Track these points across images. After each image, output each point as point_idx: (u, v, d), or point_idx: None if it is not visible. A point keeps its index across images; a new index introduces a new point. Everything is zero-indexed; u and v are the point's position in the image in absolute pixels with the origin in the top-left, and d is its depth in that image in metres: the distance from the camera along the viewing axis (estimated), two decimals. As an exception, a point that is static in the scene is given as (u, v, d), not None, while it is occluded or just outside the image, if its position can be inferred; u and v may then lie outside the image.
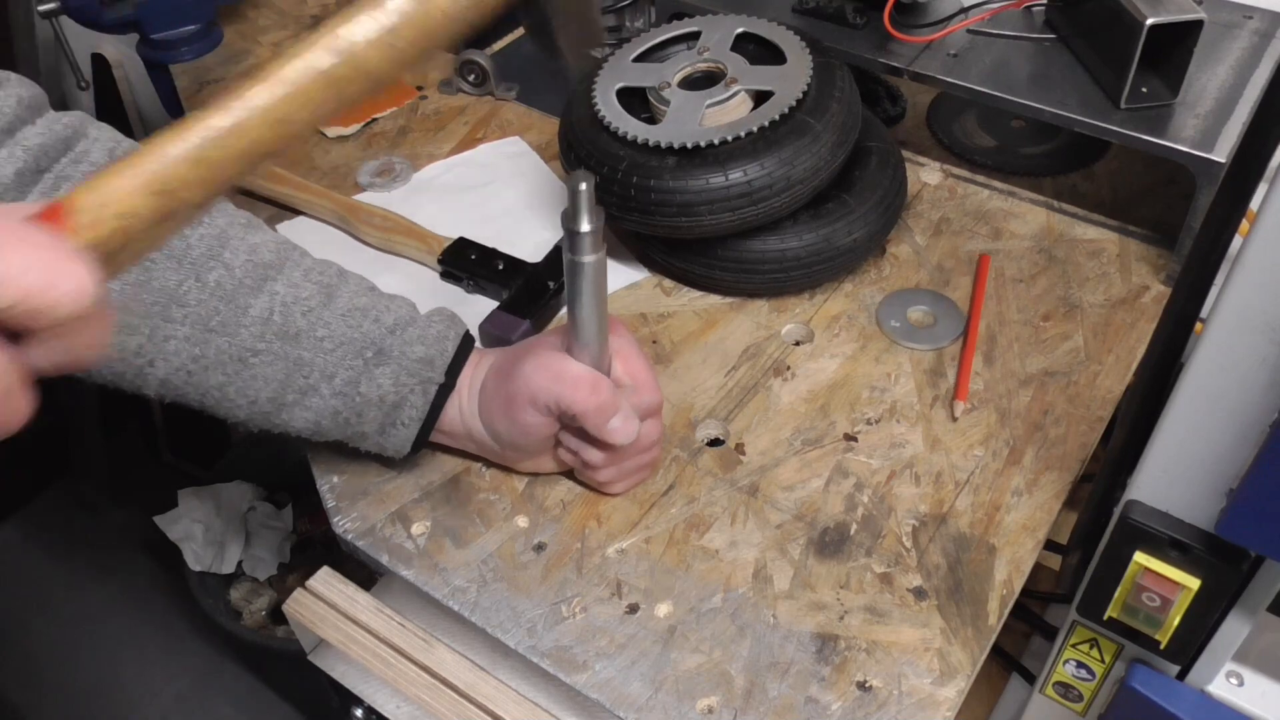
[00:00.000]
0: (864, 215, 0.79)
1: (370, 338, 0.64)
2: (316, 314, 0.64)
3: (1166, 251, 0.84)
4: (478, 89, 1.05)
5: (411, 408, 0.65)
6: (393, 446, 0.67)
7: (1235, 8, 0.88)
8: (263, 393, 0.64)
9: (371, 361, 0.64)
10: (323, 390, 0.64)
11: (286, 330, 0.63)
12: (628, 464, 0.67)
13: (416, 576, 0.65)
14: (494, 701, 0.63)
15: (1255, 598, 0.49)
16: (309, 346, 0.63)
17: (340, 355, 0.64)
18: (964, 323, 0.79)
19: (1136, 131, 0.78)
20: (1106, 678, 0.59)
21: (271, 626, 1.47)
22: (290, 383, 0.63)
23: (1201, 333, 0.43)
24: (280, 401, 0.64)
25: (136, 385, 0.63)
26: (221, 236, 0.64)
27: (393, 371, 0.64)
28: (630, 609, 0.63)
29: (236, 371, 0.63)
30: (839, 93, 0.76)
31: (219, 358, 0.62)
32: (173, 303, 0.61)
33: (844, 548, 0.65)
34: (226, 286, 0.62)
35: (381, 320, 0.65)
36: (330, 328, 0.64)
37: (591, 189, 0.56)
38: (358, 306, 0.65)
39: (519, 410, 0.63)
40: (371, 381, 0.64)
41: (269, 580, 1.52)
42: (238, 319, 0.62)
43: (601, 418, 0.62)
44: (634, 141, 0.76)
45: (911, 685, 0.59)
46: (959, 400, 0.73)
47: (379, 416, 0.65)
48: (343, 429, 0.66)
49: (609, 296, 0.82)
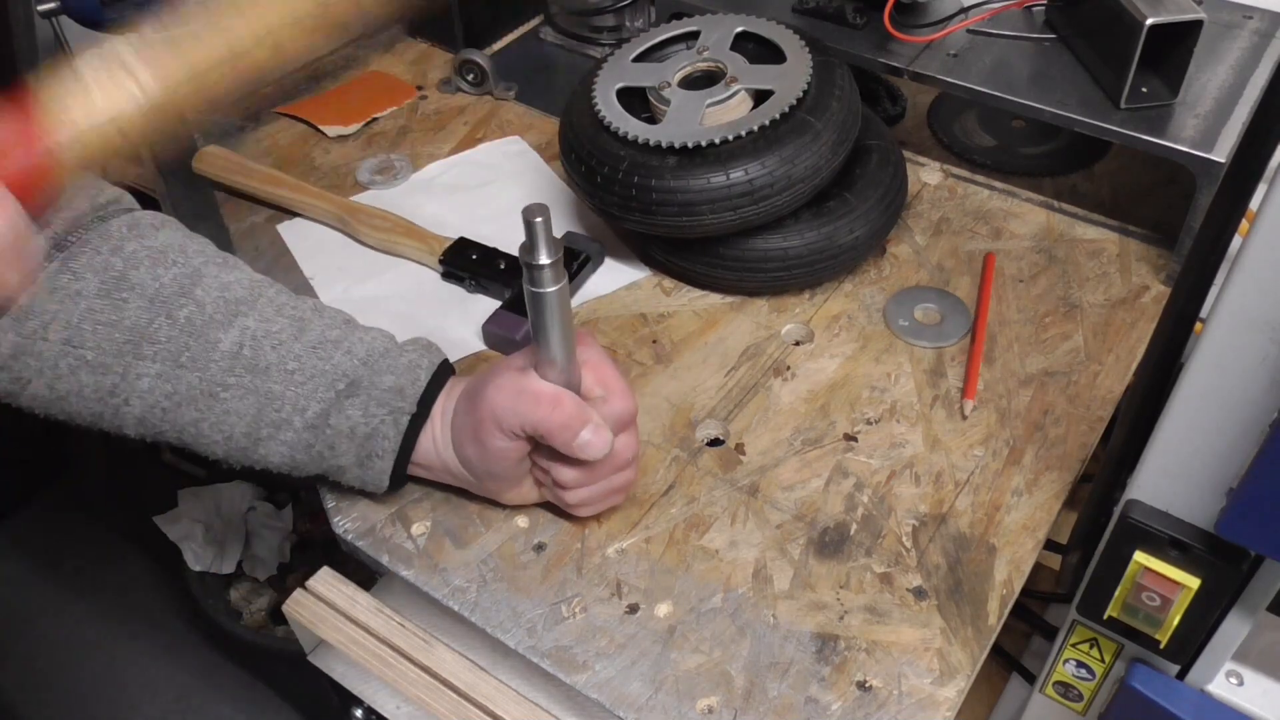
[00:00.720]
0: (865, 213, 0.79)
1: (341, 369, 0.63)
2: (287, 347, 0.63)
3: (1166, 251, 0.84)
4: (476, 89, 1.05)
5: (384, 439, 0.63)
6: (371, 481, 0.65)
7: (1235, 8, 0.88)
8: (236, 428, 0.63)
9: (343, 394, 0.63)
10: (295, 423, 0.63)
11: (256, 364, 0.63)
12: (601, 484, 0.64)
13: (416, 576, 0.65)
14: (494, 702, 0.63)
15: (1255, 597, 0.49)
16: (279, 379, 0.63)
17: (311, 388, 0.63)
18: (970, 320, 0.79)
19: (1136, 131, 0.78)
20: (1106, 677, 0.59)
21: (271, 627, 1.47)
22: (263, 417, 0.63)
23: (1201, 332, 0.43)
24: (255, 436, 0.63)
25: (116, 425, 0.64)
26: (195, 274, 0.64)
27: (362, 402, 0.63)
28: (630, 609, 0.63)
29: (209, 407, 0.63)
30: (839, 91, 0.76)
31: (190, 393, 0.62)
32: (144, 340, 0.62)
33: (844, 548, 0.65)
34: (197, 322, 0.62)
35: (354, 352, 0.64)
36: (301, 360, 0.63)
37: (548, 221, 0.54)
38: (329, 339, 0.64)
39: (486, 435, 0.61)
40: (341, 413, 0.63)
41: (269, 580, 1.52)
42: (207, 354, 0.62)
43: (569, 433, 0.59)
44: (634, 141, 0.76)
45: (911, 685, 0.59)
46: (967, 399, 0.73)
47: (353, 449, 0.64)
48: (318, 463, 0.64)
49: (612, 294, 0.83)
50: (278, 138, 1.00)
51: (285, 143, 1.00)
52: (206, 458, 0.65)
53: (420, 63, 1.10)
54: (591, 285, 0.84)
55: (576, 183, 0.80)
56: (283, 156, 0.98)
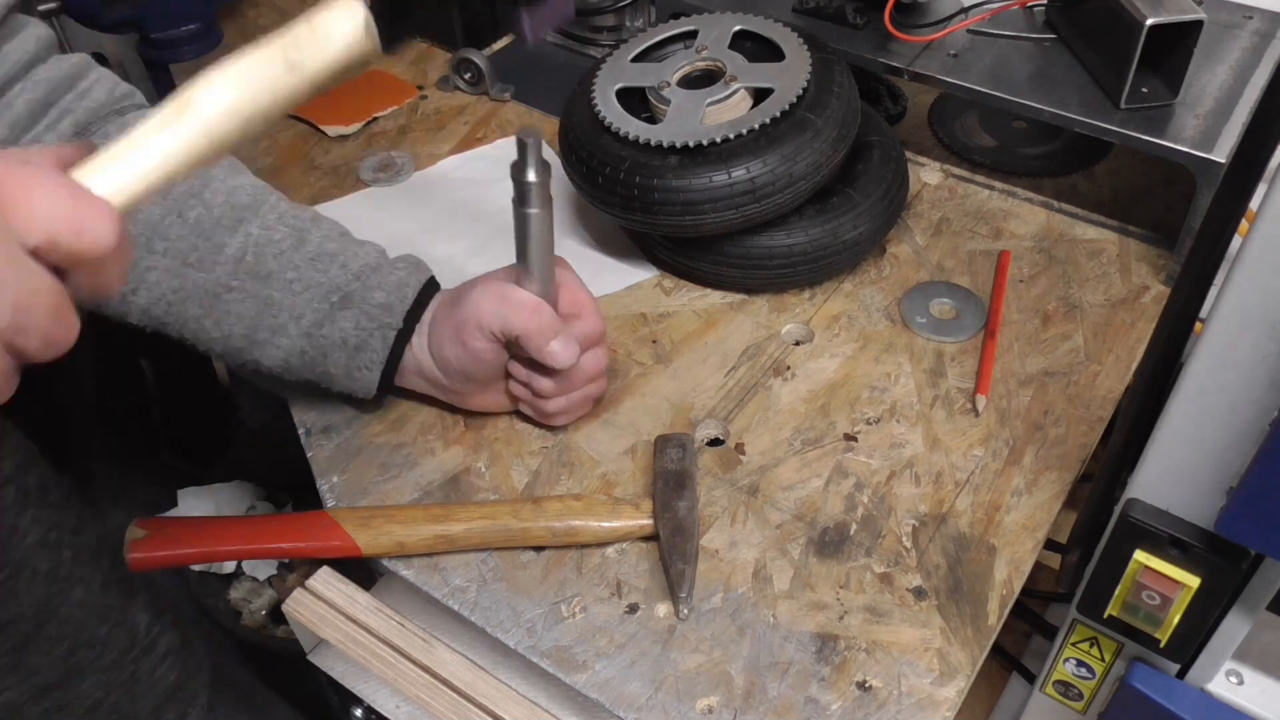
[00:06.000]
0: (869, 209, 0.79)
1: (336, 282, 0.67)
2: (287, 256, 0.67)
3: (1166, 251, 0.84)
4: (474, 88, 1.05)
5: (372, 351, 0.68)
6: (360, 389, 0.70)
7: (1235, 8, 0.88)
8: (235, 328, 0.67)
9: (336, 306, 0.67)
10: (290, 330, 0.67)
11: (258, 271, 0.66)
12: (575, 395, 0.70)
13: (416, 576, 0.65)
14: (494, 701, 0.63)
15: (1255, 596, 0.49)
16: (279, 288, 0.67)
17: (308, 298, 0.67)
18: (985, 313, 0.79)
19: (1136, 131, 0.78)
20: (1107, 676, 0.59)
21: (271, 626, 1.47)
22: (261, 321, 0.67)
23: (1201, 332, 0.43)
24: (252, 339, 0.67)
25: (121, 312, 0.67)
26: (204, 175, 0.67)
27: (354, 316, 0.67)
28: (630, 609, 0.63)
29: (211, 305, 0.66)
30: (838, 88, 0.76)
31: (195, 291, 0.66)
32: (155, 235, 0.65)
33: (844, 548, 0.65)
34: (205, 224, 0.66)
35: (348, 266, 0.68)
36: (299, 271, 0.67)
37: (539, 142, 0.60)
38: (327, 251, 0.68)
39: (468, 336, 0.66)
40: (334, 325, 0.67)
41: (269, 580, 1.52)
42: (214, 256, 0.66)
43: (543, 338, 0.65)
44: (635, 142, 0.76)
45: (911, 685, 0.59)
46: (980, 394, 0.73)
47: (343, 359, 0.68)
48: (310, 368, 0.69)
49: (613, 295, 0.83)
50: (278, 138, 1.00)
51: (285, 143, 1.00)
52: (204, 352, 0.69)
53: (420, 62, 1.10)
54: (596, 285, 0.84)
55: (578, 183, 0.80)
56: (283, 156, 0.98)
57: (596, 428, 0.73)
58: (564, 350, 0.66)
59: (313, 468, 0.72)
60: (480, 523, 0.65)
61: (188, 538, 0.68)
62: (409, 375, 0.71)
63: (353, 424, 0.74)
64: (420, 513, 0.66)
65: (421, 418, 0.74)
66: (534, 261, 0.65)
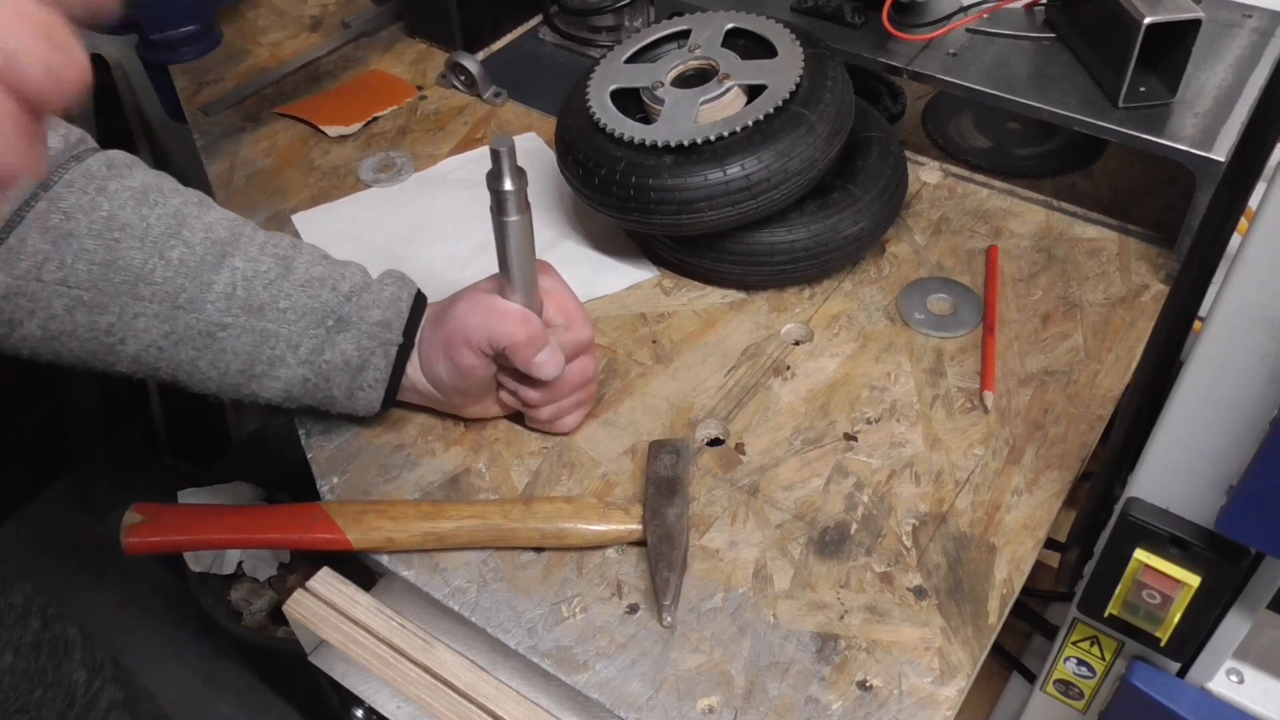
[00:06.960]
0: (869, 205, 0.79)
1: (329, 306, 0.67)
2: (277, 286, 0.66)
3: (1166, 250, 0.84)
4: (469, 90, 1.05)
5: (375, 369, 0.68)
6: (362, 408, 0.70)
7: (1234, 7, 0.88)
8: (233, 365, 0.66)
9: (333, 329, 0.67)
10: (289, 360, 0.67)
11: (250, 304, 0.66)
12: (564, 402, 0.70)
13: (416, 576, 0.65)
14: (494, 701, 0.63)
15: (1255, 595, 0.49)
16: (273, 318, 0.66)
17: (304, 325, 0.67)
18: (981, 306, 0.79)
19: (1135, 130, 0.78)
20: (1107, 675, 0.59)
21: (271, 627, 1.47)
22: (258, 354, 0.66)
23: (1201, 330, 0.43)
24: (250, 373, 0.67)
25: (108, 363, 0.66)
26: (178, 215, 0.66)
27: (354, 336, 0.67)
28: (630, 609, 0.63)
29: (206, 346, 0.65)
30: (831, 83, 0.77)
31: (188, 333, 0.65)
32: (140, 281, 0.64)
33: (844, 547, 0.65)
34: (189, 263, 0.65)
35: (338, 288, 0.68)
36: (291, 299, 0.67)
37: (513, 150, 0.60)
38: (315, 276, 0.68)
39: (455, 351, 0.66)
40: (335, 348, 0.67)
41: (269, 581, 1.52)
42: (203, 295, 0.65)
43: (531, 349, 0.65)
44: (630, 142, 0.76)
45: (912, 684, 0.59)
46: (987, 390, 0.73)
47: (346, 380, 0.68)
48: (312, 394, 0.69)
49: (613, 295, 0.83)
50: (278, 138, 1.00)
51: (285, 143, 1.00)
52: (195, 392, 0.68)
53: (420, 62, 1.10)
54: (597, 285, 0.84)
55: (575, 185, 0.80)
56: (283, 156, 0.98)
57: (596, 428, 0.73)
58: (548, 362, 0.66)
59: (313, 469, 0.72)
60: (470, 521, 0.65)
61: (182, 525, 0.68)
62: (405, 391, 0.71)
63: (353, 425, 0.74)
64: (411, 509, 0.66)
65: (421, 419, 0.74)
66: (515, 269, 0.65)
